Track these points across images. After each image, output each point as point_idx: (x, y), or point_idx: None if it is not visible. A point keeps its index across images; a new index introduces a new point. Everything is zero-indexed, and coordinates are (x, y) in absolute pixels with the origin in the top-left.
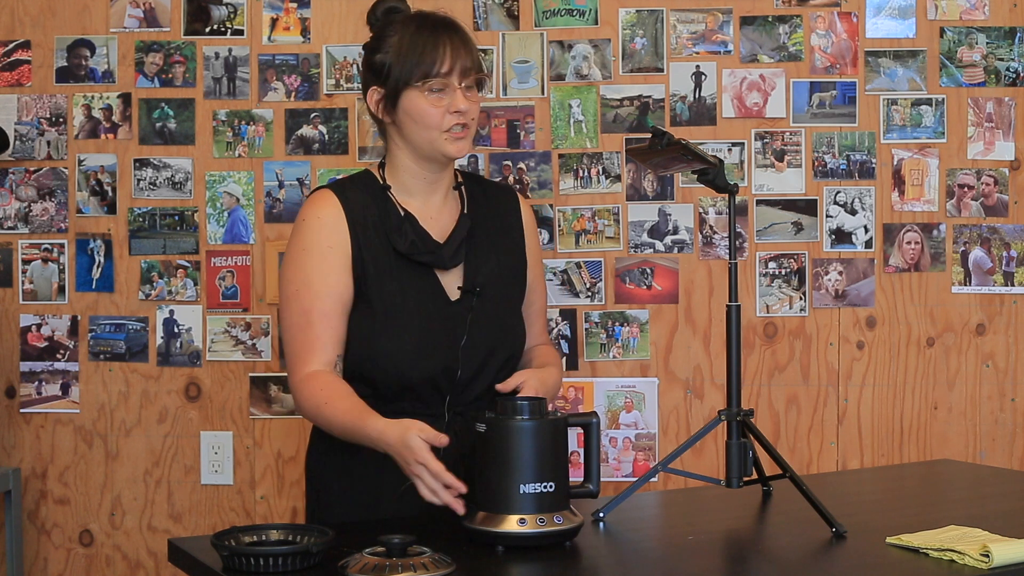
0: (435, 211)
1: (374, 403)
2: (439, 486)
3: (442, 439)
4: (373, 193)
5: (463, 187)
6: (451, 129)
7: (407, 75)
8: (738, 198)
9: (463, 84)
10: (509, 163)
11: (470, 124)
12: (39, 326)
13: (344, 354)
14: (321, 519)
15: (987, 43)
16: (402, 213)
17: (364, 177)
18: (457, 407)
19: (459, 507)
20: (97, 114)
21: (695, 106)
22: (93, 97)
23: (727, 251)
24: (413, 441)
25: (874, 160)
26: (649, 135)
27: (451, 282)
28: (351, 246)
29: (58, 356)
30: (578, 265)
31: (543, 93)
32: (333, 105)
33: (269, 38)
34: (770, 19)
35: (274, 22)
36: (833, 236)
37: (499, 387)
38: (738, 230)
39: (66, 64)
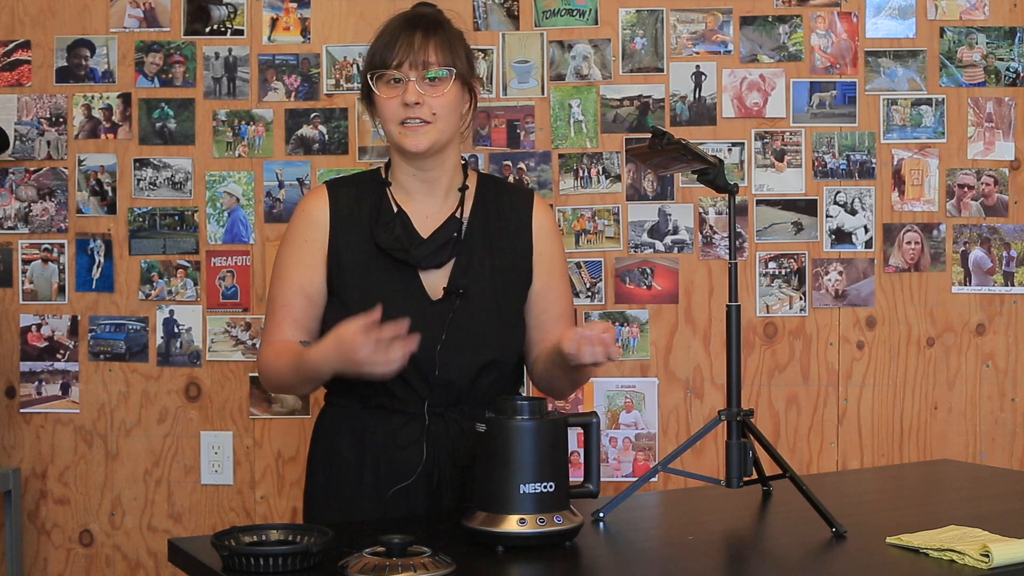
0: (432, 211)
1: (355, 396)
2: (387, 348)
3: (373, 315)
4: (372, 190)
5: (472, 189)
6: (405, 122)
7: (368, 68)
8: (738, 198)
9: (418, 77)
10: (509, 163)
11: (429, 118)
12: (39, 326)
13: None
14: (311, 515)
15: (987, 43)
16: (395, 210)
17: (369, 175)
18: (436, 408)
19: (412, 344)
20: (97, 114)
21: (695, 106)
22: (93, 97)
23: (727, 251)
24: (343, 330)
25: (874, 160)
26: (649, 135)
27: (437, 283)
28: (328, 242)
29: (58, 356)
30: (578, 265)
31: (543, 93)
32: (333, 105)
33: (269, 38)
34: (770, 19)
35: (274, 22)
36: (833, 236)
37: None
38: (738, 230)
39: (66, 64)
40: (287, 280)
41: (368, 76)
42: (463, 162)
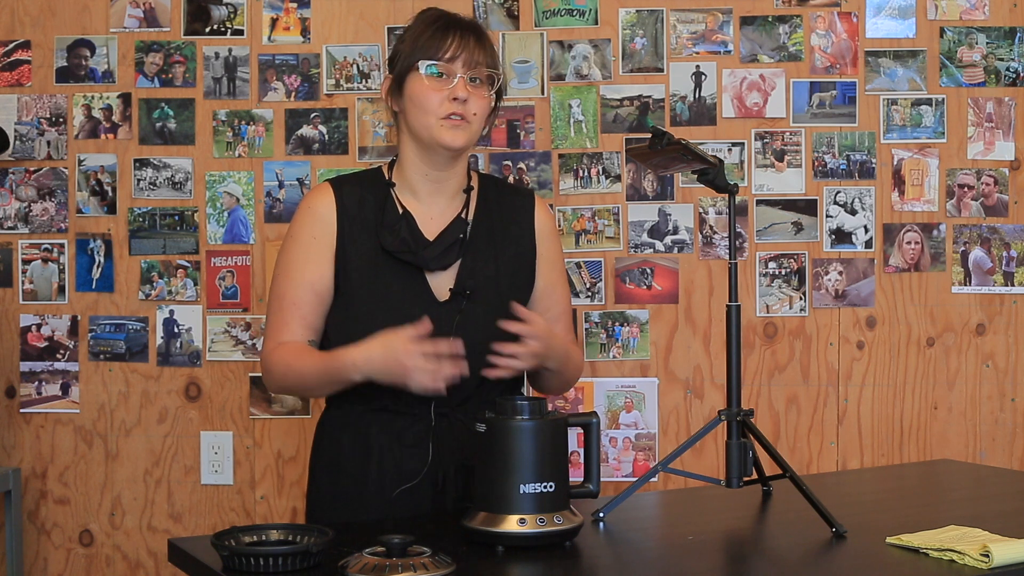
0: (437, 212)
1: (358, 398)
2: (437, 364)
3: (423, 325)
4: (376, 190)
5: (475, 191)
6: (448, 117)
7: (413, 58)
8: (738, 198)
9: (467, 75)
10: (509, 163)
11: (470, 118)
12: (39, 326)
13: (328, 345)
14: (314, 517)
15: (987, 43)
16: (400, 211)
17: (371, 174)
18: (443, 409)
19: (462, 369)
20: (97, 114)
21: (695, 106)
22: (93, 97)
23: (727, 251)
24: (393, 338)
25: (874, 160)
26: (649, 135)
27: (443, 284)
28: (336, 239)
29: (58, 356)
30: (578, 265)
31: (543, 93)
32: (333, 105)
33: (269, 38)
34: (770, 19)
35: (274, 22)
36: (833, 236)
37: (504, 324)
38: (738, 230)
39: (66, 64)
40: (296, 277)
41: (417, 63)
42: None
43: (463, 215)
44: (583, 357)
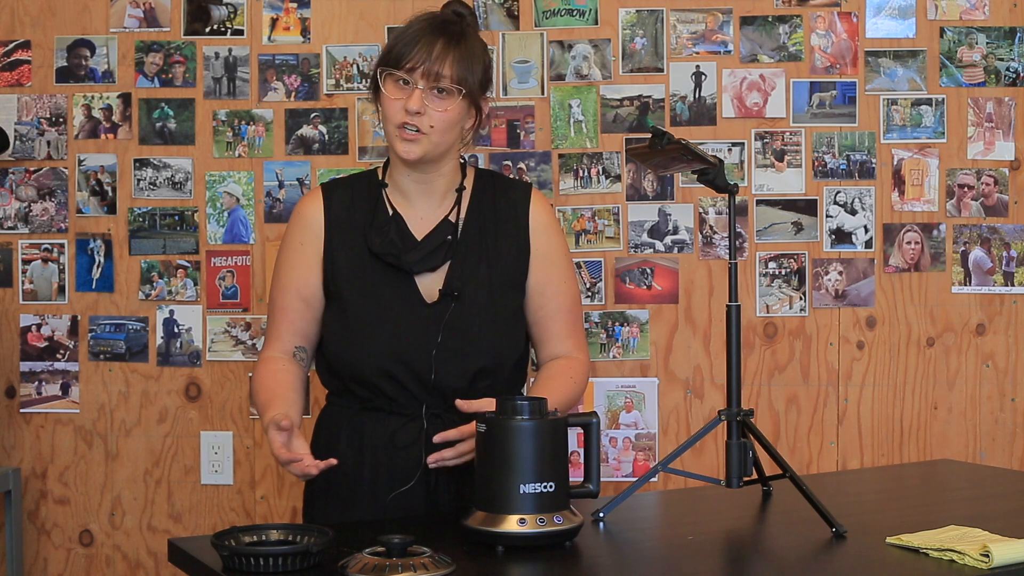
0: (427, 212)
1: (354, 401)
2: (293, 467)
3: (282, 423)
4: (368, 192)
5: (469, 189)
6: (403, 127)
7: (381, 62)
8: (738, 198)
9: (428, 87)
10: (509, 163)
11: (426, 130)
12: (39, 326)
13: (324, 348)
14: (309, 513)
15: (987, 43)
16: (390, 213)
17: (366, 176)
18: (434, 409)
19: (311, 469)
20: (97, 114)
21: (695, 106)
22: (93, 97)
23: (727, 251)
24: (268, 434)
25: (874, 160)
26: (649, 135)
27: (432, 285)
28: (323, 245)
29: (58, 356)
30: (578, 265)
31: (543, 93)
32: (333, 105)
33: (269, 38)
34: (770, 19)
35: (274, 22)
36: (833, 236)
37: (460, 404)
38: (738, 230)
39: (66, 64)
40: (284, 284)
41: (378, 71)
42: (462, 161)
43: (452, 216)
44: (586, 358)
